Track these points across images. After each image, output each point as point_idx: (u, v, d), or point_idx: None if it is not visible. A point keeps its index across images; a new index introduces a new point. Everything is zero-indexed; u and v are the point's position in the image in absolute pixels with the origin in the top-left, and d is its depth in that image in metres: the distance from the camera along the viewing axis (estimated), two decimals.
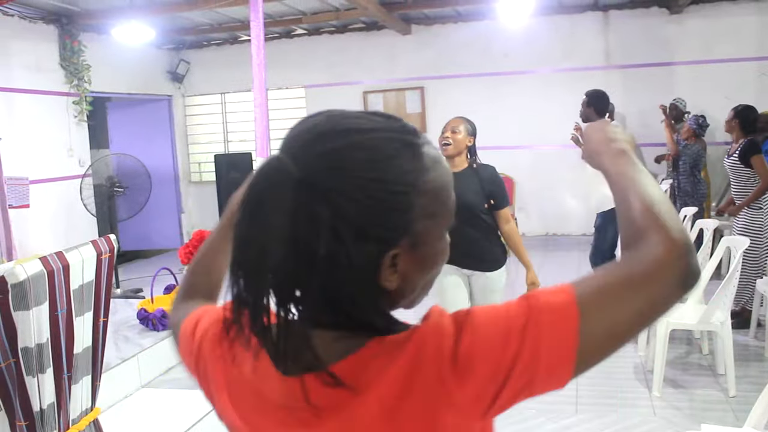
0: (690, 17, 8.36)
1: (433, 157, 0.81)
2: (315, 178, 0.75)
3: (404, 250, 0.78)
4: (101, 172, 7.08)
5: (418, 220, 0.78)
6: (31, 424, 2.28)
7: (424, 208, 0.78)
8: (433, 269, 0.84)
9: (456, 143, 3.60)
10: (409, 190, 0.77)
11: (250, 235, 0.77)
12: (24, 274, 2.14)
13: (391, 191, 0.76)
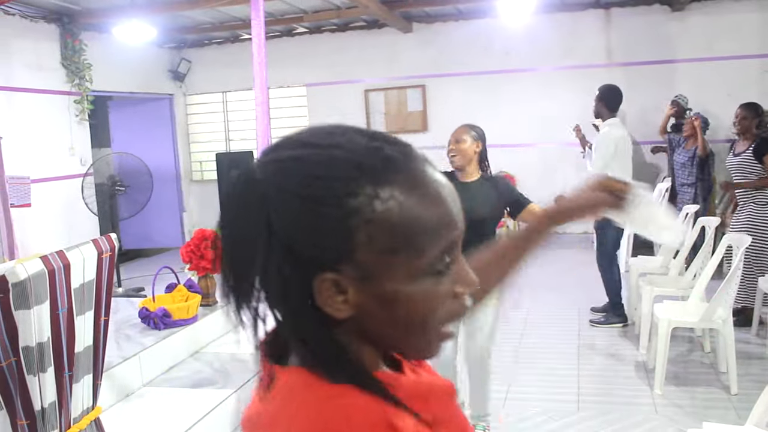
0: (692, 14, 8.35)
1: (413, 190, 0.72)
2: (263, 184, 0.72)
3: (351, 280, 0.71)
4: (103, 171, 7.08)
5: (364, 251, 0.70)
6: (33, 423, 2.28)
7: (372, 240, 0.70)
8: (415, 315, 0.74)
9: (462, 153, 3.47)
10: (346, 215, 0.69)
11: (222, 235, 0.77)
12: (25, 273, 2.14)
13: (321, 213, 0.69)
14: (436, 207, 0.73)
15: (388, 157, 0.72)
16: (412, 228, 0.71)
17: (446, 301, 0.75)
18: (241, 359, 4.68)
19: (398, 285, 0.72)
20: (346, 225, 0.70)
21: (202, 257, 5.00)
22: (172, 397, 4.12)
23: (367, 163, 0.71)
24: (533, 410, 4.02)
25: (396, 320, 0.74)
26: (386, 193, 0.70)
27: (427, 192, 0.73)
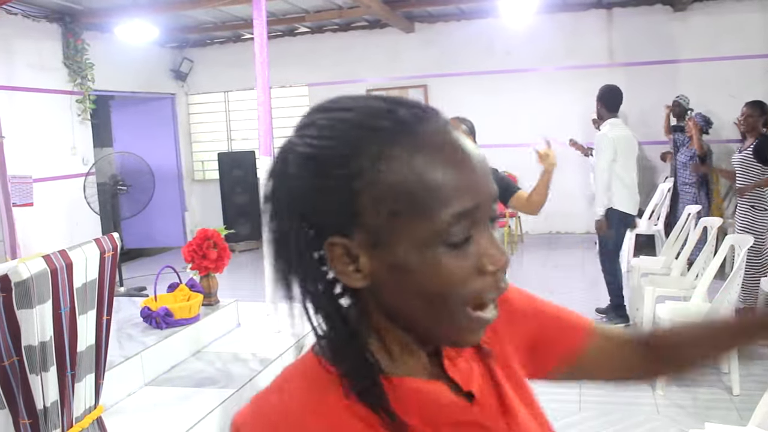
0: (694, 14, 8.34)
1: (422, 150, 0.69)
2: (282, 149, 0.75)
3: (363, 246, 0.70)
4: (105, 171, 7.09)
5: (370, 214, 0.68)
6: (35, 422, 2.28)
7: (377, 202, 0.68)
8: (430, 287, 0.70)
9: None
10: (350, 176, 0.68)
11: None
12: (27, 273, 2.14)
13: (327, 174, 0.69)
14: (445, 170, 0.69)
15: (399, 119, 0.70)
16: (418, 190, 0.68)
17: (469, 277, 0.70)
18: (243, 359, 4.68)
19: (409, 252, 0.69)
20: (351, 186, 0.68)
21: (204, 257, 5.00)
22: (173, 396, 4.12)
23: (374, 125, 0.70)
24: None
25: (411, 292, 0.70)
26: (392, 154, 0.68)
27: (437, 154, 0.69)
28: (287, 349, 4.84)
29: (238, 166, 9.64)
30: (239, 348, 4.93)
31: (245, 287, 6.88)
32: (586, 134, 8.18)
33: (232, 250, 5.86)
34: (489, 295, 0.72)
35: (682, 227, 5.71)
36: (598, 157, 5.28)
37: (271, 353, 4.75)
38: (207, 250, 5.01)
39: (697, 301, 4.50)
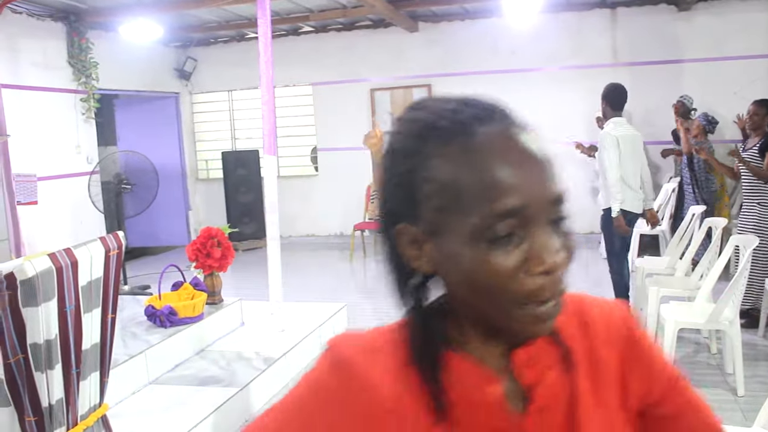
0: (698, 14, 8.33)
1: (471, 150, 0.73)
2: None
3: (425, 235, 0.76)
4: (109, 169, 7.10)
5: (425, 207, 0.75)
6: (40, 420, 2.28)
7: (430, 197, 0.74)
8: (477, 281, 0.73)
9: None
10: (411, 170, 0.75)
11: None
12: (33, 271, 2.14)
13: (396, 168, 0.77)
14: (491, 170, 0.72)
15: (459, 119, 0.75)
16: (462, 188, 0.72)
17: (515, 276, 0.72)
18: (247, 357, 4.69)
19: (457, 245, 0.73)
20: (411, 180, 0.75)
21: (208, 255, 5.01)
22: (177, 394, 4.13)
23: (436, 124, 0.75)
24: None
25: (464, 284, 0.75)
26: (444, 152, 0.73)
27: (487, 155, 0.72)
28: (291, 348, 4.84)
29: (242, 165, 9.65)
30: (243, 347, 4.94)
31: (249, 286, 6.89)
32: (590, 133, 8.17)
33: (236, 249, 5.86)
34: (540, 296, 0.73)
35: (686, 227, 5.70)
36: (603, 156, 5.26)
37: (275, 352, 4.76)
38: (211, 249, 5.02)
39: (702, 301, 4.49)
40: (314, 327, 5.27)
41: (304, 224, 9.96)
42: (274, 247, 5.15)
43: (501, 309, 0.74)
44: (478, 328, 0.79)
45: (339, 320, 5.72)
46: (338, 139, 9.63)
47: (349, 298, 6.44)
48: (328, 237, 9.93)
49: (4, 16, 6.77)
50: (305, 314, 5.57)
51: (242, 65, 9.60)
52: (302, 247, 9.60)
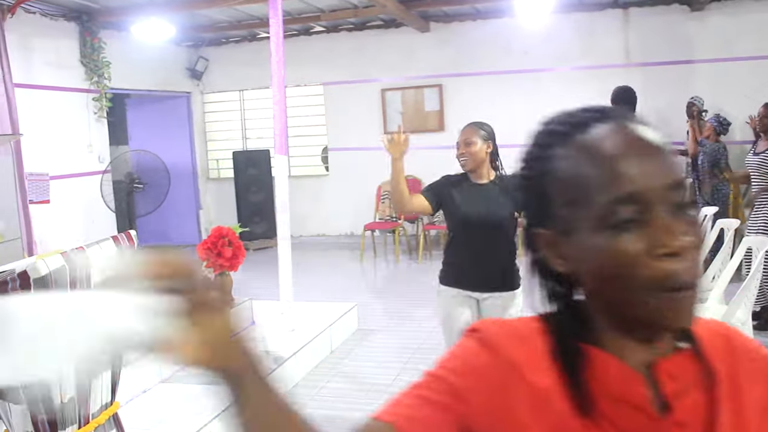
0: (711, 14, 8.28)
1: (588, 145, 0.79)
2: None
3: (558, 235, 0.81)
4: (120, 169, 7.13)
5: (556, 205, 0.81)
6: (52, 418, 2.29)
7: (559, 194, 0.80)
8: (606, 269, 0.76)
9: (473, 156, 3.27)
10: (540, 174, 0.82)
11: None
12: (46, 269, 2.16)
13: (525, 176, 0.85)
14: (605, 161, 0.77)
15: (575, 121, 0.82)
16: (582, 180, 0.78)
17: (642, 259, 0.74)
18: None
19: (586, 238, 0.78)
20: (541, 185, 0.82)
21: (219, 255, 5.02)
22: (188, 393, 4.14)
23: (557, 129, 0.83)
24: None
25: (597, 276, 0.78)
26: (565, 152, 0.80)
27: (600, 149, 0.78)
28: (301, 348, 4.85)
29: (252, 165, 9.67)
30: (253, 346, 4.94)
31: (259, 286, 6.90)
32: None
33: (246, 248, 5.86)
34: (670, 282, 0.74)
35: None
36: None
37: (285, 351, 4.76)
38: (222, 248, 5.03)
39: (714, 303, 4.46)
40: (324, 327, 5.27)
41: (314, 224, 9.97)
42: (285, 246, 5.16)
43: (634, 298, 0.75)
44: (616, 324, 0.81)
45: (349, 320, 5.72)
46: (349, 139, 9.64)
47: (360, 298, 6.44)
48: (338, 237, 9.94)
49: (17, 16, 6.82)
50: (315, 314, 5.58)
51: (253, 65, 9.62)
52: (313, 246, 9.61)
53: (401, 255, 8.81)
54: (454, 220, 3.35)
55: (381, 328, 5.84)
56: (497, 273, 3.28)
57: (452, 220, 3.37)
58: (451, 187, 3.32)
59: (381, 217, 9.11)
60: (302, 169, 10.09)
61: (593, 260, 0.77)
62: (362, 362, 5.08)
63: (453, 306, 3.34)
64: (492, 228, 3.24)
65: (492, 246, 3.26)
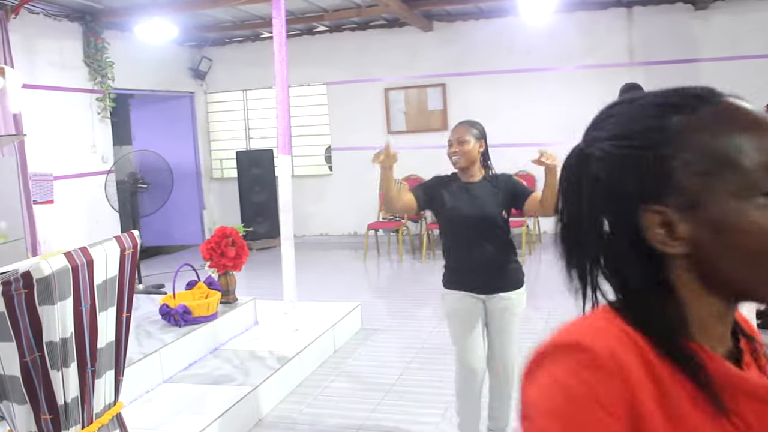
0: (715, 13, 8.26)
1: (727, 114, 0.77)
2: (585, 146, 0.83)
3: (679, 210, 0.75)
4: (124, 169, 7.14)
5: (683, 176, 0.75)
6: (56, 418, 2.29)
7: (688, 164, 0.75)
8: (752, 240, 0.73)
9: (466, 155, 3.27)
10: (656, 144, 0.76)
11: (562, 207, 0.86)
12: (49, 269, 2.16)
13: (636, 146, 0.77)
14: (745, 129, 0.76)
15: (695, 94, 0.80)
16: (724, 148, 0.74)
17: None
18: (261, 356, 4.70)
19: (727, 208, 0.74)
20: (660, 154, 0.76)
21: (222, 255, 5.02)
22: (191, 393, 4.15)
23: (672, 101, 0.79)
24: None
25: (734, 250, 0.74)
26: (695, 121, 0.77)
27: (735, 117, 0.77)
28: (304, 348, 4.85)
29: (256, 165, 9.67)
30: (257, 346, 4.95)
31: (263, 285, 6.91)
32: None
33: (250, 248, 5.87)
34: None
35: None
36: None
37: (289, 351, 4.77)
38: (225, 248, 5.03)
39: None
40: (328, 326, 5.28)
41: (317, 224, 9.97)
42: (288, 246, 5.16)
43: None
44: (712, 311, 0.78)
45: (353, 319, 5.72)
46: (352, 138, 9.64)
47: (363, 298, 6.44)
48: (341, 236, 9.94)
49: (21, 16, 6.83)
50: (319, 314, 5.58)
51: (257, 65, 9.63)
52: (316, 246, 9.62)
53: (404, 254, 8.81)
54: (446, 219, 3.34)
55: (384, 328, 5.84)
56: (497, 272, 3.28)
57: (444, 220, 3.36)
58: (443, 187, 3.32)
59: (384, 216, 9.11)
60: (305, 169, 10.09)
61: (734, 235, 0.73)
62: (366, 362, 5.08)
63: (460, 308, 3.33)
64: (485, 227, 3.25)
65: (489, 245, 3.25)
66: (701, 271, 0.77)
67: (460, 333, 3.34)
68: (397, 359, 5.05)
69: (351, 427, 3.96)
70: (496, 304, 3.29)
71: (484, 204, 3.24)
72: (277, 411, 4.23)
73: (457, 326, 3.36)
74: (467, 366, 3.34)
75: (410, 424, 3.97)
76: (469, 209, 3.24)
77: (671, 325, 0.77)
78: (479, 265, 3.26)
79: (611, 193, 0.78)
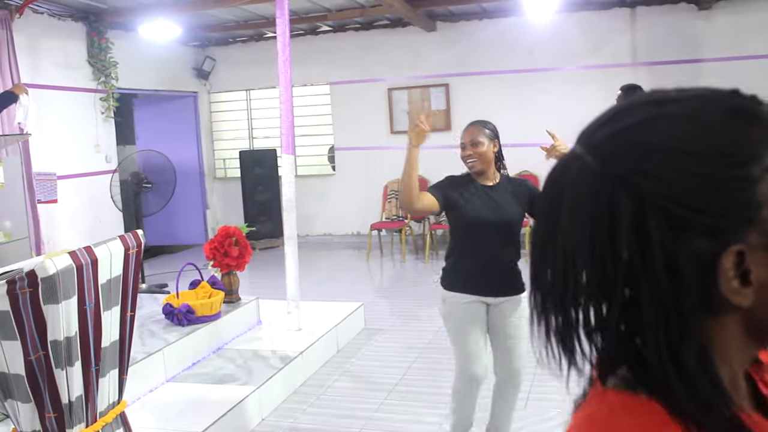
0: (719, 13, 8.25)
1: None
2: (611, 163, 0.61)
3: (755, 249, 0.57)
4: (127, 168, 7.15)
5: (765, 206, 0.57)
6: (60, 417, 2.30)
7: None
8: None
9: (482, 158, 3.15)
10: (739, 164, 0.58)
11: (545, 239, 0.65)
12: (54, 268, 2.16)
13: (708, 165, 0.58)
14: None
15: (752, 97, 0.64)
16: None
17: None
18: (264, 356, 4.71)
19: None
20: (740, 176, 0.57)
21: (225, 254, 5.03)
22: (194, 392, 4.15)
23: (735, 104, 0.62)
24: (555, 411, 4.00)
25: None
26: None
27: None
28: (307, 347, 4.86)
29: (259, 164, 9.69)
30: (260, 345, 4.96)
31: (266, 285, 6.91)
32: None
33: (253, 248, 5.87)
34: None
35: None
36: None
37: (292, 351, 4.77)
38: (229, 248, 5.04)
39: None
40: (331, 326, 5.28)
41: (321, 223, 9.97)
42: (291, 246, 5.17)
43: None
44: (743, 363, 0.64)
45: (356, 319, 5.73)
46: (356, 138, 9.64)
47: (366, 298, 6.45)
48: (344, 236, 9.94)
49: (25, 16, 6.84)
50: (322, 313, 5.58)
51: (260, 65, 9.64)
52: (319, 246, 9.62)
53: (408, 254, 8.81)
54: (463, 223, 3.18)
55: (387, 328, 5.84)
56: (509, 276, 3.21)
57: (462, 223, 3.19)
58: (459, 189, 3.18)
59: (387, 216, 9.11)
60: (309, 169, 10.10)
61: None
62: (369, 362, 5.08)
63: (466, 313, 3.18)
64: (505, 231, 3.17)
65: (504, 249, 3.18)
66: (754, 323, 0.61)
67: (463, 338, 3.18)
68: (400, 359, 5.05)
69: (354, 426, 3.97)
70: (506, 307, 3.20)
71: (507, 211, 3.14)
72: (280, 410, 4.23)
73: (459, 331, 3.19)
74: (469, 373, 3.18)
75: (413, 424, 3.98)
76: (493, 215, 3.12)
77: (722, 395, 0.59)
78: (493, 269, 3.18)
79: (672, 224, 0.58)
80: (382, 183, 9.30)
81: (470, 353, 3.17)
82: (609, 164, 0.61)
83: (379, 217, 9.19)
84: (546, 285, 0.64)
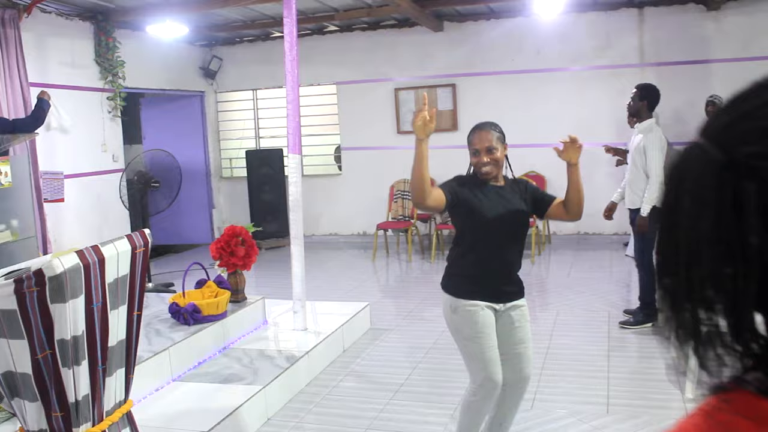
0: (728, 14, 8.21)
1: None
2: (732, 148, 0.59)
3: None
4: (133, 167, 7.16)
5: None
6: (67, 416, 2.30)
7: None
8: None
9: (497, 163, 3.11)
10: None
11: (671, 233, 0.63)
12: (61, 267, 2.16)
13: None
14: None
15: None
16: None
17: None
18: (270, 356, 4.71)
19: None
20: None
21: (232, 254, 5.03)
22: (200, 392, 4.15)
23: None
24: (561, 411, 3.99)
25: None
26: None
27: None
28: (313, 347, 4.85)
29: (266, 164, 9.69)
30: (266, 345, 4.96)
31: (272, 285, 6.92)
32: (616, 134, 8.10)
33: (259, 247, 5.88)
34: None
35: None
36: (651, 155, 5.18)
37: (298, 351, 4.77)
38: (235, 248, 5.04)
39: None
40: (337, 326, 5.28)
41: (327, 223, 9.98)
42: (297, 245, 5.17)
43: None
44: None
45: (362, 319, 5.72)
46: (362, 138, 9.64)
47: (372, 297, 6.45)
48: (351, 236, 9.94)
49: (33, 15, 6.86)
50: (328, 313, 5.58)
51: (267, 64, 9.65)
52: (325, 246, 9.62)
53: (414, 254, 8.80)
54: (480, 223, 3.07)
55: (393, 328, 5.83)
56: (517, 279, 3.19)
57: (478, 223, 3.08)
58: (473, 190, 3.10)
59: (394, 216, 9.11)
60: (315, 169, 10.10)
61: None
62: (374, 362, 5.08)
63: (484, 319, 3.06)
64: (519, 233, 3.14)
65: (516, 252, 3.15)
66: None
67: (481, 346, 3.05)
68: (406, 359, 5.05)
69: (359, 426, 3.96)
70: (514, 312, 3.14)
71: (518, 210, 3.10)
72: (286, 410, 4.23)
73: (477, 339, 3.05)
74: (494, 380, 3.04)
75: (419, 425, 3.97)
76: (509, 216, 3.06)
77: None
78: (505, 273, 3.14)
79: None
80: (388, 183, 9.30)
81: (491, 360, 3.05)
82: (730, 149, 0.59)
83: (385, 217, 9.18)
84: (675, 281, 0.63)
